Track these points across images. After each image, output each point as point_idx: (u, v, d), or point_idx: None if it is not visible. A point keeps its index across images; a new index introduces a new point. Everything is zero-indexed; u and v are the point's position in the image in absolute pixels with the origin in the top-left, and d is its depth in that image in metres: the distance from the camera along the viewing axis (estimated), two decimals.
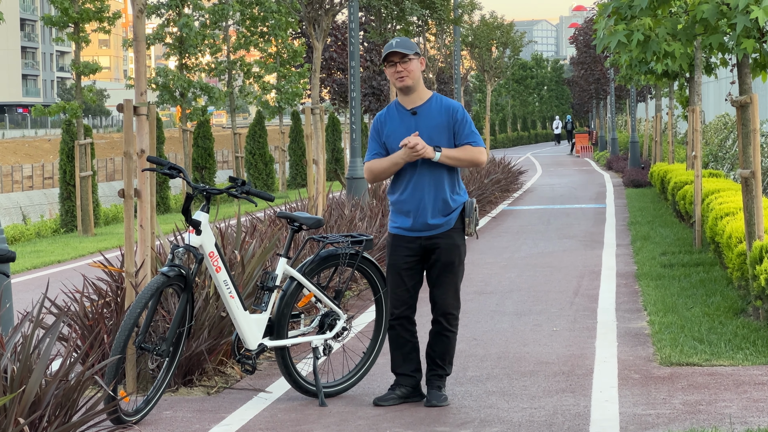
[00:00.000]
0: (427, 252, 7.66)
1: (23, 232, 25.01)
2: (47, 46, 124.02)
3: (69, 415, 6.28)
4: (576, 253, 16.42)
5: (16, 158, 70.27)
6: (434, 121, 7.61)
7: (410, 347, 7.78)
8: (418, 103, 7.68)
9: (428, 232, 7.63)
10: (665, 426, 6.94)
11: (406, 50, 7.58)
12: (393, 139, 7.67)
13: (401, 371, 7.78)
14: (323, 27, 16.44)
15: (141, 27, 8.31)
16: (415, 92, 7.66)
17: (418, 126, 7.62)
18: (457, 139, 7.62)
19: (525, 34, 50.56)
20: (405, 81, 7.61)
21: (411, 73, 7.60)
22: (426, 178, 7.59)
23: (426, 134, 7.60)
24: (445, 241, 7.63)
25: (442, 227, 7.62)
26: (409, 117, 7.66)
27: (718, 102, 35.22)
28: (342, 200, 17.05)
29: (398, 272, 7.70)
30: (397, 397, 7.70)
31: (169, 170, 7.80)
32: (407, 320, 7.76)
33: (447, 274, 7.66)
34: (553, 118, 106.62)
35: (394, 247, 7.72)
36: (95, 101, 24.59)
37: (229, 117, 38.31)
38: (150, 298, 7.40)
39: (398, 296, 7.72)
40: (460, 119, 7.63)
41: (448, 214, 7.63)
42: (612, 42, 10.25)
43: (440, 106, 7.66)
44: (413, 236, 7.65)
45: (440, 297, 7.69)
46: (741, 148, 10.21)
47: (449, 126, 7.61)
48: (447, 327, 7.74)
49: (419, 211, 7.61)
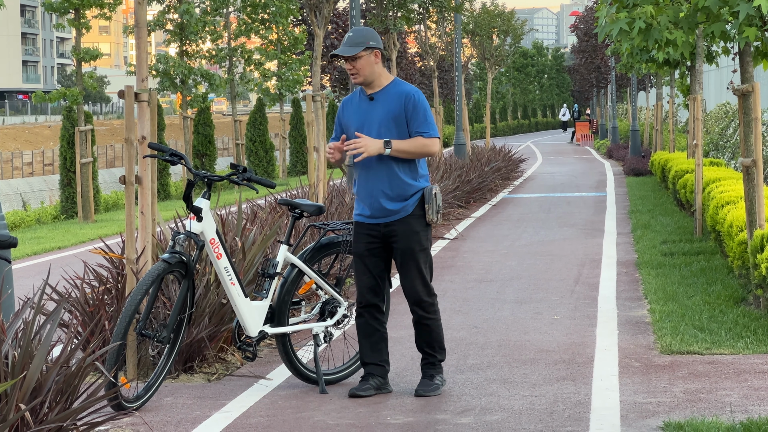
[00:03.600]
0: (387, 239, 7.65)
1: (24, 218, 25.01)
2: (48, 32, 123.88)
3: (70, 401, 6.27)
4: (577, 241, 16.42)
5: (17, 144, 70.24)
6: (388, 108, 7.62)
7: (378, 337, 7.72)
8: (376, 89, 7.70)
9: (385, 219, 7.61)
10: (666, 414, 6.94)
11: (351, 50, 7.59)
12: (349, 124, 7.73)
13: (370, 360, 7.72)
14: (324, 14, 16.41)
15: (142, 13, 8.29)
16: (372, 82, 7.67)
17: (373, 112, 7.63)
18: (409, 127, 7.61)
19: (526, 22, 50.50)
20: (356, 78, 7.66)
21: (360, 70, 7.62)
22: (378, 166, 7.59)
23: (378, 120, 7.61)
24: (403, 227, 7.60)
25: (399, 213, 7.60)
26: (367, 102, 7.69)
27: (719, 90, 35.19)
28: (343, 187, 17.04)
29: (362, 259, 7.68)
30: (372, 387, 7.64)
31: (170, 157, 7.80)
32: (375, 309, 7.71)
33: (409, 261, 7.62)
34: (560, 105, 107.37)
35: (356, 235, 7.73)
36: (96, 88, 24.58)
37: (230, 104, 38.28)
38: (151, 284, 7.39)
39: (364, 283, 7.69)
40: (411, 108, 7.60)
41: (405, 200, 7.60)
42: (614, 30, 10.24)
43: (396, 92, 7.65)
44: (372, 223, 7.66)
45: (407, 286, 7.68)
46: (742, 137, 10.20)
47: (402, 113, 7.61)
48: (423, 315, 7.71)
49: (374, 199, 7.61)
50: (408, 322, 9.93)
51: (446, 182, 21.42)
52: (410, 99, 7.60)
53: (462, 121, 31.86)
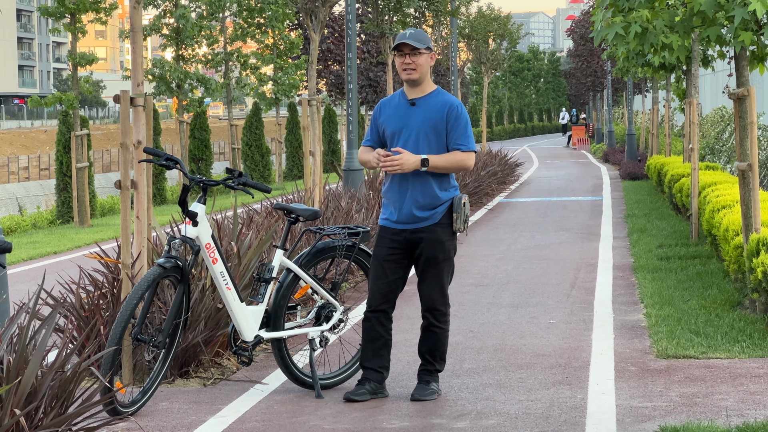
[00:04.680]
0: (412, 246, 7.62)
1: (19, 223, 24.98)
2: (44, 36, 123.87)
3: (65, 406, 6.27)
4: (573, 245, 16.42)
5: (13, 149, 70.21)
6: (429, 115, 7.56)
7: (382, 343, 7.69)
8: (419, 94, 7.65)
9: (412, 225, 7.58)
10: (662, 418, 6.94)
11: (418, 44, 7.54)
12: (387, 126, 7.66)
13: (369, 365, 7.69)
14: (320, 18, 16.41)
15: (138, 18, 8.29)
16: (419, 85, 7.64)
17: (413, 117, 7.58)
18: (448, 139, 7.57)
19: (522, 26, 50.52)
20: (411, 75, 7.57)
21: (419, 67, 7.56)
22: (413, 176, 7.55)
23: (417, 127, 7.57)
24: (429, 235, 7.57)
25: (427, 221, 7.57)
26: (407, 107, 7.63)
27: (715, 94, 35.22)
28: (339, 192, 17.04)
29: (380, 263, 7.64)
30: (367, 392, 7.62)
31: (166, 161, 7.79)
32: (384, 315, 7.67)
33: (430, 269, 7.60)
34: (556, 109, 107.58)
35: (380, 238, 7.70)
36: (92, 92, 24.56)
37: (226, 108, 38.26)
38: (146, 289, 7.38)
39: (378, 288, 7.65)
40: (453, 119, 7.55)
41: (434, 209, 7.58)
42: (609, 34, 10.24)
43: (440, 101, 7.60)
44: (398, 228, 7.62)
45: (425, 292, 7.65)
46: (738, 141, 10.20)
47: (443, 123, 7.57)
48: (434, 323, 7.69)
49: (404, 204, 7.58)
50: (406, 326, 9.95)
51: None
52: (453, 110, 7.55)
53: None
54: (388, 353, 7.75)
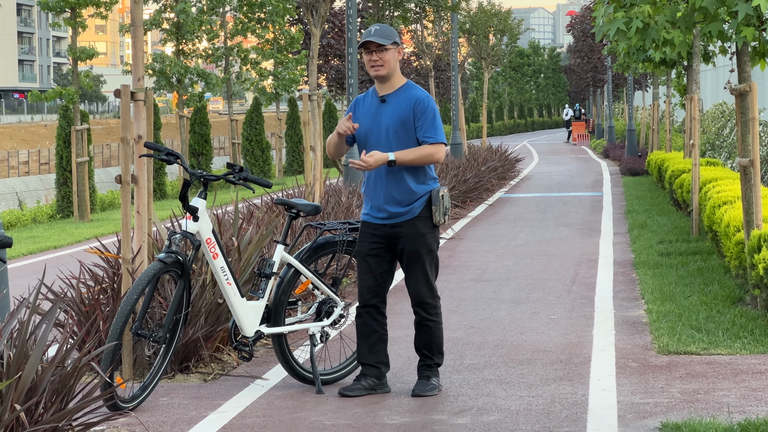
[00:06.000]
0: (393, 240, 7.63)
1: (19, 217, 24.97)
2: (44, 31, 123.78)
3: (65, 401, 6.25)
4: (573, 241, 16.40)
5: (13, 143, 70.18)
6: (397, 111, 7.58)
7: (377, 337, 7.69)
8: (389, 90, 7.66)
9: (392, 220, 7.59)
10: (663, 415, 6.93)
11: (384, 40, 7.54)
12: (360, 125, 7.68)
13: (366, 361, 7.70)
14: (321, 13, 16.39)
15: (138, 12, 8.27)
16: (389, 81, 7.63)
17: (383, 115, 7.60)
18: (417, 132, 7.57)
19: (522, 22, 50.47)
20: (379, 71, 7.59)
21: (386, 63, 7.57)
22: (387, 170, 7.56)
23: (386, 124, 7.58)
24: (409, 229, 7.57)
25: (406, 215, 7.57)
26: (378, 104, 7.65)
27: (716, 90, 35.21)
28: (339, 187, 17.02)
29: (364, 259, 7.66)
30: (363, 388, 7.62)
31: (166, 156, 7.78)
32: (375, 309, 7.68)
33: (414, 264, 7.61)
34: (557, 105, 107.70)
35: (362, 234, 7.72)
36: (92, 87, 24.56)
37: (226, 103, 38.24)
38: (147, 284, 7.37)
39: (365, 283, 7.66)
40: (420, 112, 7.55)
41: (411, 203, 7.58)
42: (611, 29, 10.23)
43: (407, 96, 7.61)
44: (378, 224, 7.64)
45: (412, 287, 7.66)
46: (740, 137, 10.19)
47: (410, 117, 7.57)
48: (426, 317, 7.69)
49: (381, 200, 7.59)
50: (406, 322, 9.93)
51: (443, 182, 21.46)
52: (420, 103, 7.56)
53: (458, 121, 31.85)
54: (385, 348, 7.74)
